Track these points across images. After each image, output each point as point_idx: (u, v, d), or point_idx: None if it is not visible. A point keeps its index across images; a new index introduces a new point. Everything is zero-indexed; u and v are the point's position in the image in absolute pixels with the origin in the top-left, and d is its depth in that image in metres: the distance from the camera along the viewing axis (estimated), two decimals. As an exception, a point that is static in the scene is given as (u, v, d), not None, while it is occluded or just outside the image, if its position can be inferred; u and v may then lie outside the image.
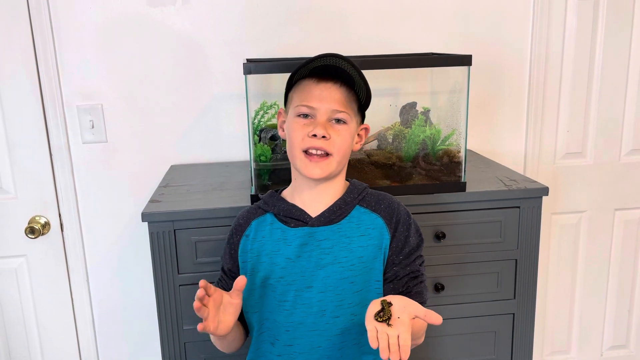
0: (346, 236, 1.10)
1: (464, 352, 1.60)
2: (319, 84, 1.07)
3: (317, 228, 1.10)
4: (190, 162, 1.91)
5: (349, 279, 1.08)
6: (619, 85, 2.05)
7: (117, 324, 1.98)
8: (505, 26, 1.96)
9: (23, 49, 1.74)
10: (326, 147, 1.06)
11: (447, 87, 1.61)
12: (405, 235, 1.12)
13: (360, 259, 1.09)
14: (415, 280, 1.11)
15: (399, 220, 1.12)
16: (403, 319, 0.88)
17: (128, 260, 1.93)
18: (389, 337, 0.86)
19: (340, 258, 1.08)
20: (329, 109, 1.06)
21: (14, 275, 1.89)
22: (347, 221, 1.11)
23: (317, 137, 1.05)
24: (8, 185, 1.83)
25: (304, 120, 1.08)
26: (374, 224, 1.11)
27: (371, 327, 0.87)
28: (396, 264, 1.11)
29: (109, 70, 1.81)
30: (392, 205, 1.14)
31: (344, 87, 1.08)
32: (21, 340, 1.94)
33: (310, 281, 1.08)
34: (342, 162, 1.11)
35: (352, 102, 1.10)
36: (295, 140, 1.07)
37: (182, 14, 1.81)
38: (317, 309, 1.08)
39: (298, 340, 1.08)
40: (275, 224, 1.13)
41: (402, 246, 1.11)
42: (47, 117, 1.80)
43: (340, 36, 1.88)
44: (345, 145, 1.08)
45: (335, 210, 1.11)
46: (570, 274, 2.19)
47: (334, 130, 1.07)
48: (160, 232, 1.41)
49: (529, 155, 2.06)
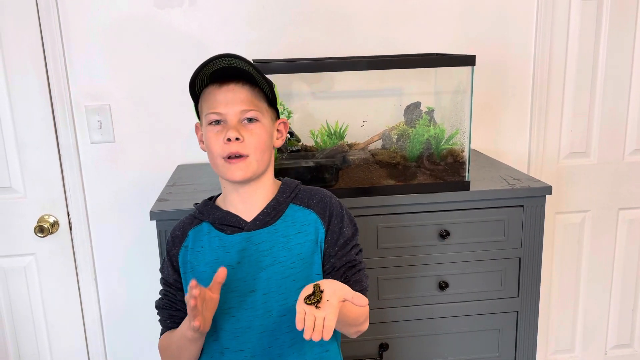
0: (283, 235, 1.10)
1: (468, 350, 1.61)
2: (221, 87, 1.07)
3: (253, 232, 1.10)
4: (197, 162, 1.92)
5: (290, 277, 1.08)
6: (622, 85, 2.06)
7: (124, 322, 2.00)
8: (509, 26, 1.97)
9: (32, 50, 1.77)
10: (241, 150, 1.06)
11: (451, 87, 1.62)
12: (340, 227, 1.12)
13: (299, 256, 1.09)
14: (353, 269, 1.12)
15: (332, 213, 1.13)
16: (332, 301, 0.91)
17: (136, 259, 1.95)
18: (316, 319, 0.88)
19: (279, 258, 1.09)
20: (237, 111, 1.06)
21: (23, 273, 1.91)
22: (282, 221, 1.11)
23: (232, 140, 1.05)
24: (17, 185, 1.85)
25: (216, 127, 1.07)
26: (308, 220, 1.12)
27: (300, 310, 0.89)
28: (332, 256, 1.12)
29: (117, 71, 1.83)
30: (324, 199, 1.14)
31: (247, 85, 1.07)
32: (30, 338, 1.96)
33: (252, 285, 1.08)
34: (264, 160, 1.10)
35: (260, 98, 1.09)
36: (214, 149, 1.07)
37: (188, 15, 1.83)
38: (263, 310, 1.08)
39: (248, 344, 1.08)
40: (213, 232, 1.13)
41: (337, 238, 1.12)
42: (55, 117, 1.82)
43: (345, 37, 1.89)
44: (261, 142, 1.08)
45: (269, 211, 1.12)
46: (574, 273, 2.19)
47: (246, 131, 1.07)
48: (168, 231, 1.41)
49: (533, 155, 2.06)
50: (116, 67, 1.83)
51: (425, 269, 1.53)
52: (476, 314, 1.58)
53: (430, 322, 1.57)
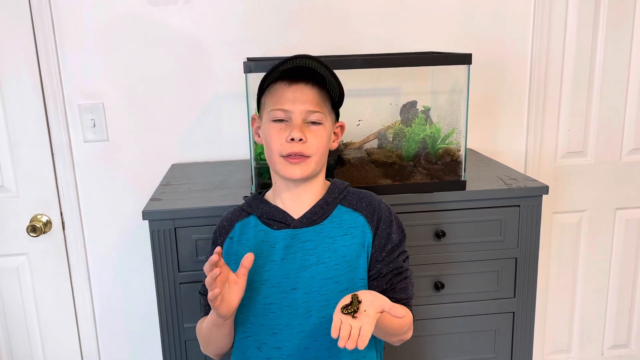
0: (329, 236, 1.10)
1: (464, 351, 1.60)
2: (290, 86, 1.07)
3: (299, 230, 1.11)
4: (191, 161, 1.91)
5: (333, 278, 1.08)
6: (620, 85, 2.05)
7: (118, 322, 1.99)
8: (507, 25, 1.96)
9: (25, 48, 1.75)
10: (304, 151, 1.06)
11: (448, 86, 1.61)
12: (388, 232, 1.13)
13: (344, 258, 1.09)
14: (399, 276, 1.12)
15: (381, 218, 1.13)
16: (369, 312, 0.92)
17: (129, 259, 1.94)
18: (352, 329, 0.89)
19: (324, 258, 1.09)
20: (304, 111, 1.07)
21: (15, 273, 1.90)
22: (329, 221, 1.12)
23: (295, 140, 1.06)
24: (10, 184, 1.83)
25: (280, 125, 1.08)
26: (356, 223, 1.12)
27: (337, 319, 0.91)
28: (379, 262, 1.12)
29: (111, 69, 1.82)
30: (373, 203, 1.14)
31: (316, 87, 1.08)
32: (23, 338, 1.95)
33: (294, 283, 1.09)
34: (321, 162, 1.11)
35: (326, 101, 1.10)
36: (274, 146, 1.08)
37: (183, 13, 1.81)
38: (303, 310, 1.08)
39: (285, 342, 1.08)
40: (259, 226, 1.13)
41: (385, 243, 1.12)
42: (48, 115, 1.81)
43: (341, 35, 1.88)
44: (322, 145, 1.09)
45: (317, 211, 1.12)
46: (571, 273, 2.19)
47: (310, 132, 1.07)
48: (161, 230, 1.41)
49: (530, 154, 2.06)
50: (110, 66, 1.82)
51: (421, 269, 1.52)
52: (472, 314, 1.57)
53: (426, 323, 1.56)
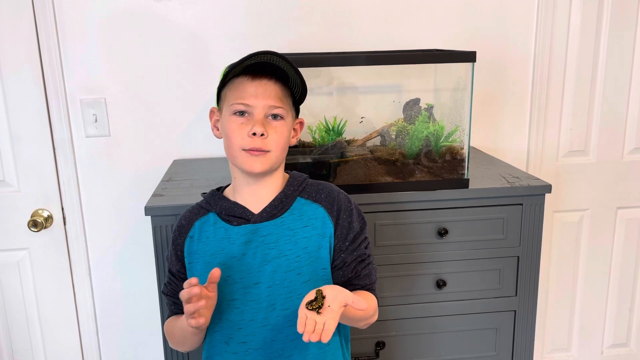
0: (289, 229, 1.11)
1: (465, 349, 1.60)
2: (253, 80, 1.07)
3: (260, 224, 1.11)
4: (193, 157, 1.91)
5: (295, 270, 1.09)
6: (622, 84, 2.05)
7: (118, 318, 1.99)
8: (509, 23, 1.95)
9: (27, 43, 1.74)
10: (264, 146, 1.07)
11: (451, 84, 1.61)
12: (349, 222, 1.13)
13: (305, 250, 1.10)
14: (363, 263, 1.14)
15: (341, 208, 1.14)
16: (333, 307, 0.96)
17: (130, 254, 1.94)
18: (316, 323, 0.93)
19: (285, 251, 1.09)
20: (266, 105, 1.07)
21: (16, 268, 1.90)
22: (289, 214, 1.12)
23: (257, 135, 1.06)
24: (11, 179, 1.83)
25: (241, 119, 1.08)
26: (316, 214, 1.13)
27: (302, 314, 0.94)
28: (343, 251, 1.13)
29: (113, 65, 1.81)
30: (332, 194, 1.15)
31: (278, 82, 1.08)
32: (23, 333, 1.95)
33: (257, 277, 1.09)
34: (281, 157, 1.12)
35: (287, 97, 1.10)
36: (235, 140, 1.08)
37: (185, 8, 1.81)
38: (267, 304, 1.09)
39: (251, 337, 1.09)
40: (219, 223, 1.13)
41: (347, 233, 1.13)
42: (50, 110, 1.80)
43: (344, 32, 1.88)
44: (282, 140, 1.09)
45: (277, 204, 1.12)
46: (572, 272, 2.19)
47: (271, 127, 1.08)
48: (163, 226, 1.41)
49: (532, 153, 2.05)
50: (112, 61, 1.81)
51: (423, 267, 1.52)
52: (474, 312, 1.57)
53: (427, 321, 1.56)
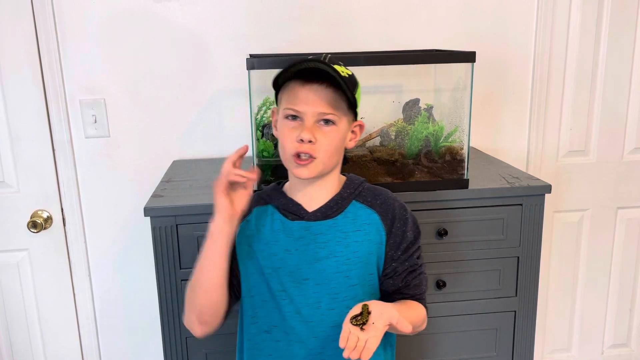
0: (342, 231, 1.12)
1: (466, 349, 1.60)
2: (304, 86, 1.07)
3: (313, 222, 1.12)
4: (192, 158, 1.91)
5: (344, 272, 1.10)
6: (622, 83, 2.05)
7: (118, 318, 1.99)
8: (509, 23, 1.95)
9: (26, 43, 1.74)
10: (311, 152, 1.06)
11: (451, 84, 1.61)
12: (403, 231, 1.14)
13: (356, 254, 1.11)
14: (414, 273, 1.14)
15: (395, 216, 1.14)
16: (377, 325, 0.96)
17: (130, 255, 1.93)
18: (359, 340, 0.94)
19: (335, 252, 1.11)
20: (316, 112, 1.06)
21: (16, 269, 1.89)
22: (343, 216, 1.13)
23: (304, 141, 1.06)
24: (11, 180, 1.83)
25: (292, 123, 1.08)
26: (370, 220, 1.13)
27: (345, 328, 0.95)
28: (395, 260, 1.13)
29: (112, 65, 1.81)
30: (387, 201, 1.15)
31: (330, 87, 1.07)
32: (23, 334, 1.95)
33: (307, 273, 1.10)
34: (331, 162, 1.11)
35: (341, 101, 1.09)
36: (286, 145, 1.09)
37: (185, 8, 1.80)
38: (313, 300, 1.10)
39: (295, 329, 1.11)
40: (276, 215, 1.15)
41: (400, 242, 1.13)
42: (49, 111, 1.80)
43: (344, 32, 1.87)
44: (332, 146, 1.09)
45: (332, 205, 1.13)
46: (572, 272, 2.19)
47: (321, 133, 1.07)
48: (163, 227, 1.41)
49: (532, 153, 2.05)
50: (111, 61, 1.81)
51: (422, 267, 1.52)
52: (474, 313, 1.57)
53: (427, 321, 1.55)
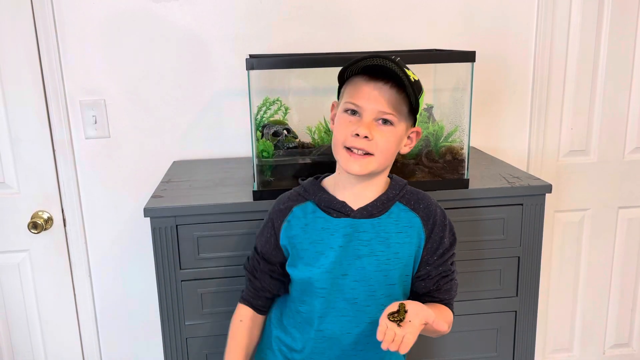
0: (385, 231, 1.13)
1: (466, 349, 1.60)
2: (369, 82, 1.07)
3: (358, 220, 1.13)
4: (192, 158, 1.91)
5: (383, 272, 1.12)
6: (623, 83, 2.04)
7: (119, 319, 1.99)
8: (510, 23, 1.95)
9: (26, 44, 1.74)
10: (367, 148, 1.06)
11: (451, 84, 1.61)
12: (441, 237, 1.16)
13: (396, 255, 1.13)
14: (446, 278, 1.17)
15: (436, 222, 1.15)
16: (414, 322, 0.99)
17: (130, 256, 1.93)
18: (396, 335, 0.96)
19: (377, 251, 1.12)
20: (376, 110, 1.06)
21: (16, 270, 1.90)
22: (386, 216, 1.14)
23: (360, 136, 1.05)
24: (11, 180, 1.83)
25: (350, 117, 1.08)
26: (412, 223, 1.14)
27: (383, 323, 0.98)
28: (429, 264, 1.16)
29: (112, 66, 1.81)
30: (430, 207, 1.16)
31: (394, 88, 1.06)
32: (24, 335, 1.95)
33: (346, 269, 1.12)
34: (384, 163, 1.11)
35: (402, 104, 1.08)
36: (339, 136, 1.08)
37: (185, 9, 1.80)
38: (350, 296, 1.13)
39: (330, 325, 1.14)
40: (318, 212, 1.15)
41: (437, 247, 1.15)
42: (50, 112, 1.80)
43: (343, 33, 1.87)
44: (388, 146, 1.08)
45: (378, 205, 1.14)
46: (573, 272, 2.18)
47: (378, 131, 1.06)
48: (163, 228, 1.41)
49: (532, 153, 2.05)
50: (111, 62, 1.81)
51: (423, 267, 1.51)
52: (474, 313, 1.57)
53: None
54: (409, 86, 1.05)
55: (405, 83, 1.04)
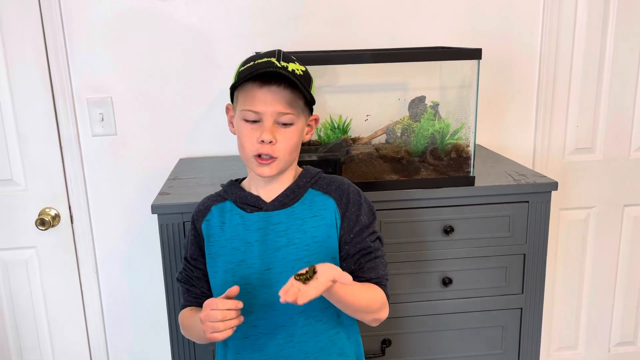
0: (299, 218, 1.14)
1: (471, 347, 1.60)
2: (262, 87, 1.08)
3: (272, 212, 1.14)
4: (198, 155, 1.91)
5: (304, 259, 1.11)
6: (629, 81, 2.04)
7: (126, 316, 2.00)
8: (516, 21, 1.95)
9: (34, 42, 1.75)
10: (272, 153, 1.09)
11: (457, 82, 1.61)
12: (357, 215, 1.15)
13: (314, 239, 1.12)
14: (368, 256, 1.14)
15: (349, 201, 1.15)
16: (320, 279, 0.97)
17: (137, 252, 1.95)
18: (299, 291, 0.94)
19: (294, 240, 1.12)
20: (275, 112, 1.08)
21: (24, 266, 1.91)
22: (300, 204, 1.15)
23: (265, 142, 1.08)
24: (19, 178, 1.84)
25: (251, 125, 1.10)
26: (326, 205, 1.15)
27: (289, 283, 0.96)
28: (347, 243, 1.14)
29: (119, 64, 1.82)
30: (342, 187, 1.17)
31: (288, 87, 1.08)
32: (31, 331, 1.96)
33: (268, 263, 1.12)
34: (290, 159, 1.14)
35: (297, 99, 1.10)
36: (246, 145, 1.10)
37: (191, 7, 1.81)
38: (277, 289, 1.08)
39: (261, 321, 1.13)
40: (234, 210, 1.17)
41: (353, 225, 1.14)
42: (57, 109, 1.81)
43: (349, 30, 1.88)
44: (291, 145, 1.11)
45: (289, 194, 1.15)
46: (578, 270, 2.18)
47: (280, 133, 1.09)
48: (170, 224, 1.42)
49: (538, 151, 2.05)
50: (118, 60, 1.82)
51: (428, 264, 1.52)
52: (480, 310, 1.57)
53: (433, 319, 1.56)
54: (300, 83, 1.07)
55: (296, 82, 1.07)
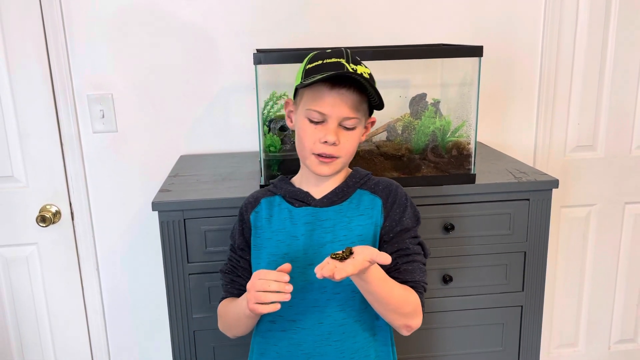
0: (346, 216, 1.15)
1: (472, 344, 1.60)
2: (332, 90, 1.08)
3: (320, 208, 1.15)
4: (199, 153, 1.91)
5: None
6: (630, 78, 2.03)
7: (127, 313, 2.00)
8: (517, 18, 1.94)
9: (34, 39, 1.75)
10: (335, 153, 1.11)
11: (458, 79, 1.61)
12: (400, 217, 1.16)
13: (360, 237, 1.13)
14: (406, 257, 1.15)
15: (395, 201, 1.17)
16: (357, 258, 0.96)
17: (138, 249, 1.95)
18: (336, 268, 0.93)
19: (340, 236, 1.13)
20: (340, 116, 1.09)
21: (25, 263, 1.91)
22: (348, 202, 1.16)
23: (328, 143, 1.09)
24: (19, 174, 1.84)
25: (315, 125, 1.11)
26: (373, 204, 1.16)
27: (325, 261, 0.96)
28: (386, 242, 1.15)
29: (120, 60, 1.82)
30: (390, 187, 1.18)
31: (356, 91, 1.09)
32: (32, 328, 1.96)
33: (312, 259, 1.12)
34: (348, 161, 1.16)
35: (363, 102, 1.11)
36: (307, 143, 1.12)
37: (192, 4, 1.81)
38: (318, 285, 1.12)
39: (300, 316, 1.13)
40: (283, 204, 1.18)
41: (395, 225, 1.15)
42: (57, 106, 1.81)
43: (350, 27, 1.87)
44: (352, 147, 1.14)
45: (338, 192, 1.17)
46: (579, 268, 2.18)
47: (343, 135, 1.11)
48: (170, 222, 1.42)
49: (539, 148, 2.04)
50: (119, 57, 1.82)
51: (429, 262, 1.50)
52: (480, 307, 1.57)
53: (434, 316, 1.56)
54: (370, 87, 1.07)
55: (367, 86, 1.07)
